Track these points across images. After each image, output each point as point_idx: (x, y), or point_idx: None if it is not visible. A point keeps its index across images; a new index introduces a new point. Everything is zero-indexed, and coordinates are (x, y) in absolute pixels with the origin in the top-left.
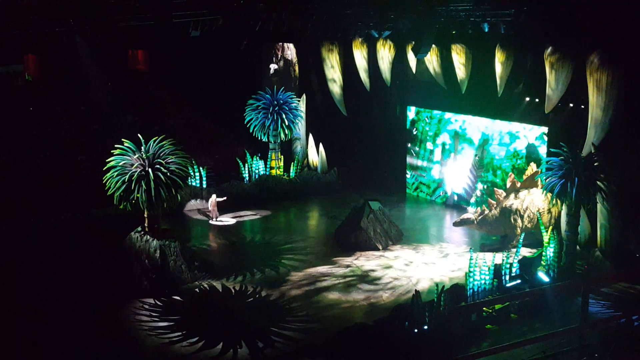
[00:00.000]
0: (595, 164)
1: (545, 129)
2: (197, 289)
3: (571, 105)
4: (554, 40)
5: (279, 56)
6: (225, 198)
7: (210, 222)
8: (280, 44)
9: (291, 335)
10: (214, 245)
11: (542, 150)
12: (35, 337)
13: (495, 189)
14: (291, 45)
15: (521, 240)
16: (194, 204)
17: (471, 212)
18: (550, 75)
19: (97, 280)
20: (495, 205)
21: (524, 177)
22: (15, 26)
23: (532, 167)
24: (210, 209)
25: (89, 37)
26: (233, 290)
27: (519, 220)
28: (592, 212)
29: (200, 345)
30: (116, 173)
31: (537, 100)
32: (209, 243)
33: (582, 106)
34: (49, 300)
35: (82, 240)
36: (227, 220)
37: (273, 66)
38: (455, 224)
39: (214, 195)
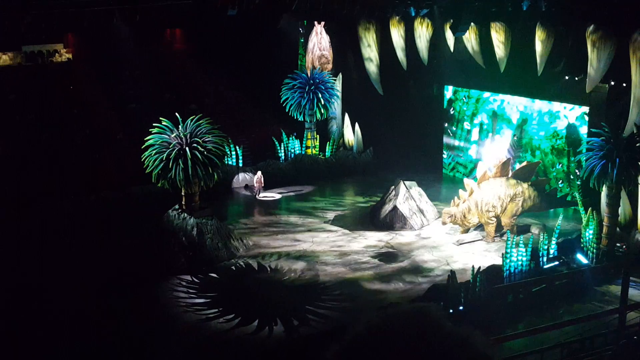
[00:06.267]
0: (637, 145)
1: (586, 109)
2: (233, 267)
3: (612, 83)
4: (596, 17)
5: (315, 44)
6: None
7: (256, 197)
8: (317, 29)
9: (326, 313)
10: (252, 223)
11: (583, 130)
12: (75, 312)
13: (465, 180)
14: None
15: (560, 221)
16: (239, 180)
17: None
18: (592, 54)
19: (135, 257)
20: (466, 198)
21: (494, 167)
22: (55, 5)
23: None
24: (255, 185)
25: (128, 16)
26: (269, 269)
27: (492, 211)
28: (633, 193)
29: (236, 322)
30: (154, 151)
31: (576, 78)
32: (247, 220)
33: (624, 84)
34: (88, 277)
35: (121, 217)
36: (273, 195)
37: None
38: (444, 224)
39: (259, 172)
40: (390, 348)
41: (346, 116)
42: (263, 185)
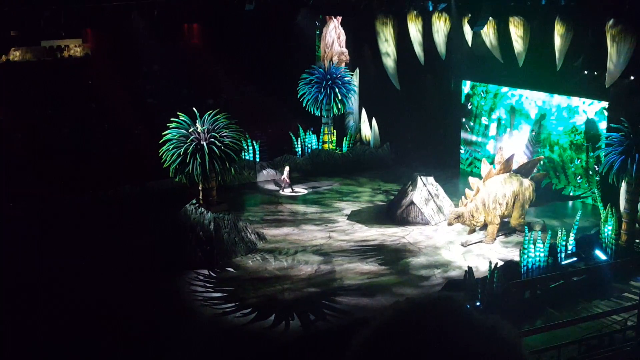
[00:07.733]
0: None
1: (605, 104)
2: (250, 261)
3: (632, 78)
4: (616, 11)
5: (334, 39)
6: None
7: (280, 192)
8: (335, 23)
9: (343, 308)
10: (269, 217)
11: (602, 125)
12: (91, 306)
13: (470, 178)
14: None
15: (578, 217)
16: (263, 175)
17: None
18: (611, 49)
19: (152, 251)
20: (473, 197)
21: (496, 164)
22: (74, 0)
23: (502, 154)
24: (285, 180)
25: (146, 11)
26: (285, 264)
27: (498, 209)
28: None
29: (253, 316)
30: (172, 146)
31: (595, 73)
32: (264, 215)
33: None
34: (105, 270)
35: (139, 211)
36: (300, 190)
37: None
38: (449, 224)
39: (287, 167)
40: (418, 334)
41: (363, 111)
42: (289, 181)
